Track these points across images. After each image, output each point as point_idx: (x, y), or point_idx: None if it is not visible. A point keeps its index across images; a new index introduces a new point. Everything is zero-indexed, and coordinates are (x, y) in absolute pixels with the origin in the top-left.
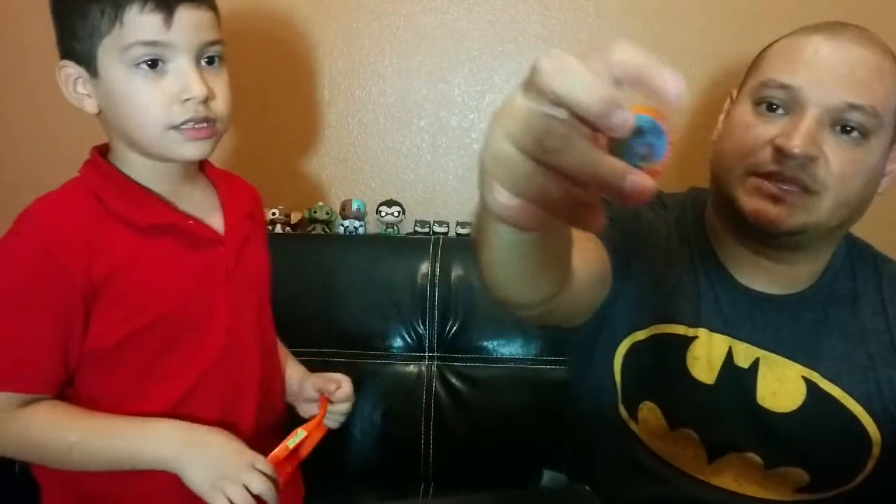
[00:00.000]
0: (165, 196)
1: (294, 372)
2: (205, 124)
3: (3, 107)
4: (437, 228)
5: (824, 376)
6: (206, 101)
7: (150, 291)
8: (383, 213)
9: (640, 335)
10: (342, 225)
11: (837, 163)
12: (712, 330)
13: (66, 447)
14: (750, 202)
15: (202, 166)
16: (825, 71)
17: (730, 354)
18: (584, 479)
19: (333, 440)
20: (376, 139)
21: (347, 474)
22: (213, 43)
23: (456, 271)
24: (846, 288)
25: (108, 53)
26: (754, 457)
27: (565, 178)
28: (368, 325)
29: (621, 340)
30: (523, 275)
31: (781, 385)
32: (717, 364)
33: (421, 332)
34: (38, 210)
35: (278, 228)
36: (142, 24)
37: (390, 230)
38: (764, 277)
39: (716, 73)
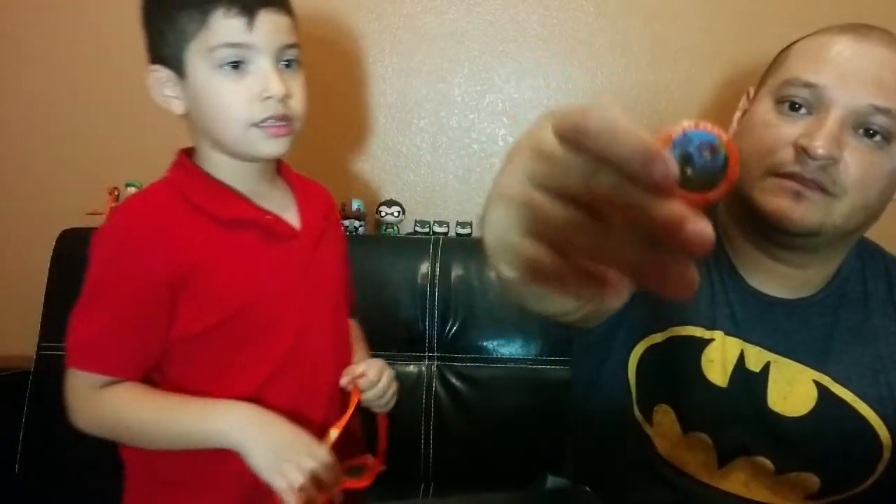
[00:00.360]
0: (246, 194)
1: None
2: (283, 122)
3: (3, 107)
4: (437, 228)
5: (835, 380)
6: (284, 99)
7: (232, 282)
8: (383, 213)
9: (658, 337)
10: (342, 225)
11: (857, 167)
12: (727, 333)
13: (139, 424)
14: (770, 202)
15: (279, 168)
16: (852, 72)
17: (741, 358)
18: (588, 483)
19: None
20: (376, 139)
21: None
22: (291, 46)
23: (456, 271)
24: (857, 291)
25: (194, 56)
26: (765, 461)
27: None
28: (368, 325)
29: (638, 342)
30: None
31: (792, 389)
32: (730, 367)
33: (421, 332)
34: (123, 207)
35: None
36: (226, 27)
37: (390, 230)
38: (776, 281)
39: (716, 73)
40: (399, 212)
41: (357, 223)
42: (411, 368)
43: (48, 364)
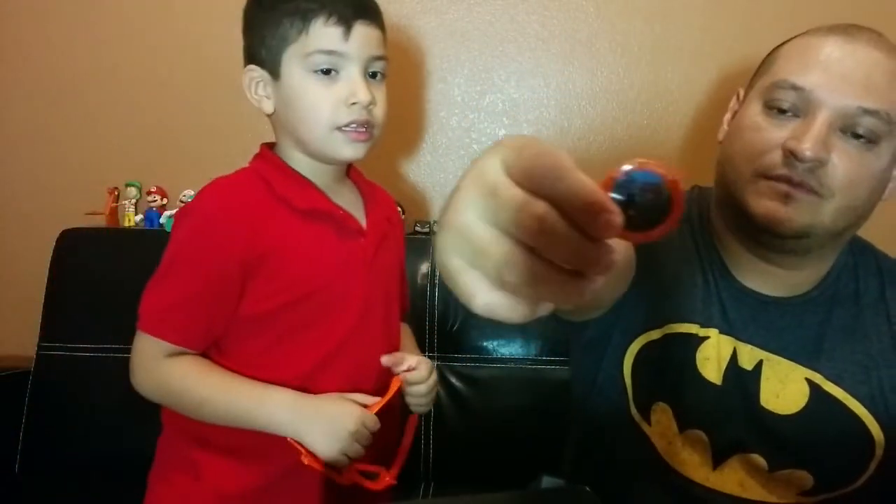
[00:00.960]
0: (321, 189)
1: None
2: (364, 128)
3: (3, 107)
4: (437, 229)
5: (827, 378)
6: (368, 106)
7: (303, 269)
8: None
9: (655, 334)
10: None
11: (845, 168)
12: (721, 331)
13: (198, 400)
14: (760, 204)
15: (349, 173)
16: (840, 73)
17: (734, 356)
18: (586, 483)
19: None
20: (376, 139)
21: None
22: (380, 58)
23: None
24: (849, 289)
25: (291, 59)
26: (759, 459)
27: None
28: None
29: (633, 340)
30: None
31: (784, 387)
32: (724, 365)
33: (421, 332)
34: (210, 188)
35: None
36: (324, 35)
37: None
38: (768, 281)
39: (716, 73)
40: (399, 212)
41: None
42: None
43: (48, 364)
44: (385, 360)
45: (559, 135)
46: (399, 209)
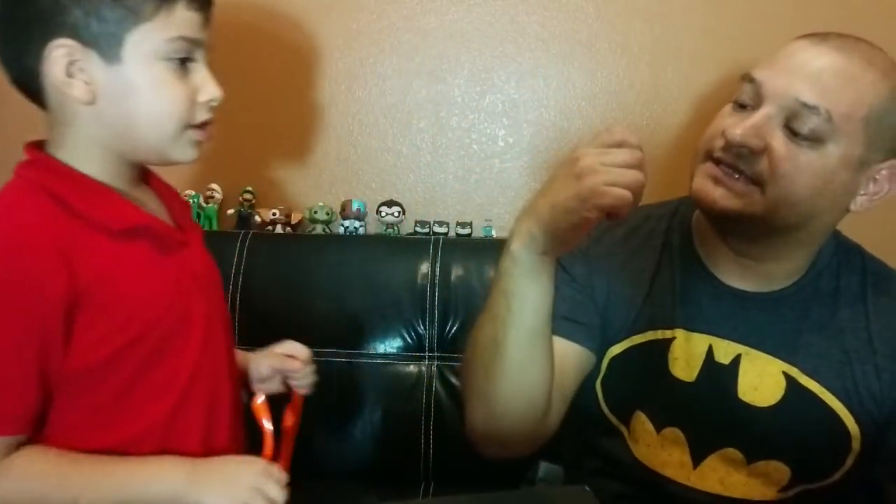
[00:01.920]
0: (126, 197)
1: (239, 357)
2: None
3: (3, 107)
4: (437, 229)
5: (803, 371)
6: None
7: (133, 300)
8: (383, 213)
9: (616, 349)
10: (342, 225)
11: (781, 160)
12: (691, 329)
13: (70, 498)
14: (695, 181)
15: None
16: (790, 67)
17: (710, 352)
18: (580, 472)
19: (333, 440)
20: (376, 139)
21: (347, 474)
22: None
23: (456, 271)
24: (829, 286)
25: (140, 42)
26: (736, 453)
27: None
28: (368, 325)
29: (602, 360)
30: (540, 351)
31: (762, 380)
32: (697, 362)
33: (421, 332)
34: (2, 223)
35: (279, 228)
36: (188, 20)
37: (390, 230)
38: (745, 276)
39: (716, 74)
40: (399, 212)
41: (357, 223)
42: (411, 368)
43: None
44: (270, 369)
45: (559, 135)
46: (399, 209)
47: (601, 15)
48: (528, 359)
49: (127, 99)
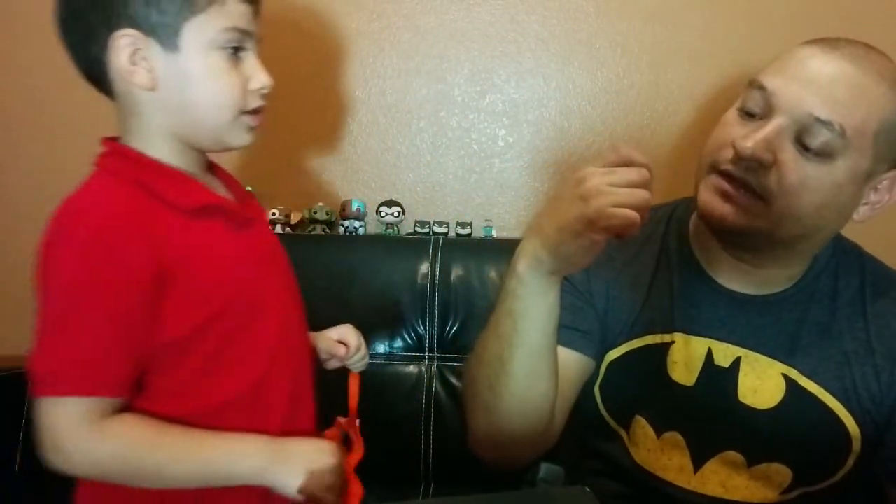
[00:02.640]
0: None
1: None
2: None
3: (3, 107)
4: (437, 228)
5: (802, 373)
6: None
7: (213, 276)
8: (383, 213)
9: (614, 354)
10: (342, 225)
11: (790, 175)
12: (690, 333)
13: (158, 466)
14: (702, 195)
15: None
16: (802, 79)
17: (709, 355)
18: (581, 473)
19: None
20: (376, 139)
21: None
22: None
23: (456, 271)
24: (828, 287)
25: (196, 31)
26: (737, 455)
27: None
28: (368, 325)
29: (600, 364)
30: (545, 366)
31: (762, 382)
32: (697, 365)
33: (421, 332)
34: (77, 204)
35: (278, 228)
36: (240, 12)
37: (390, 230)
38: (744, 280)
39: (716, 74)
40: (399, 212)
41: (357, 223)
42: (411, 368)
43: None
44: (334, 365)
45: (559, 135)
46: (399, 209)
47: (601, 15)
48: (535, 374)
49: (185, 86)
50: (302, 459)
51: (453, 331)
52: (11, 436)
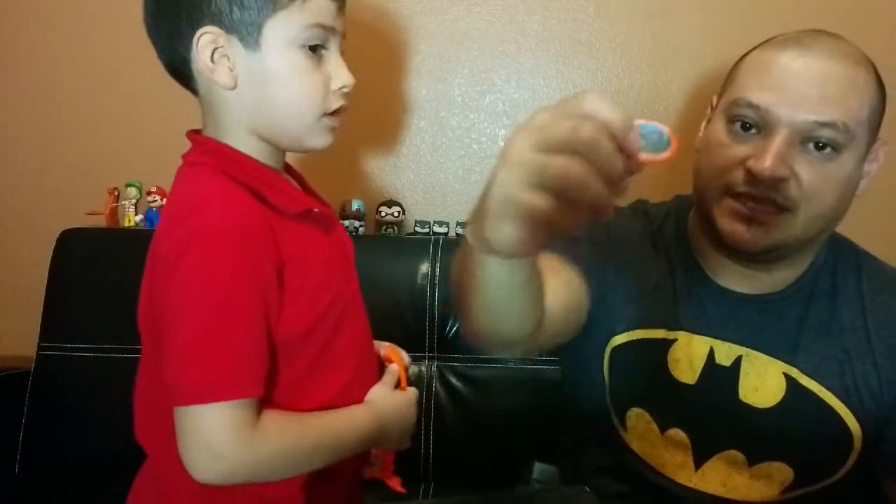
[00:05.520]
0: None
1: None
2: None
3: (3, 108)
4: (437, 228)
5: (803, 371)
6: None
7: (317, 277)
8: (383, 213)
9: (620, 339)
10: (342, 225)
11: (809, 180)
12: (693, 332)
13: (309, 453)
14: (726, 223)
15: None
16: (794, 90)
17: (711, 354)
18: (574, 471)
19: None
20: (376, 139)
21: None
22: (344, 35)
23: None
24: (827, 284)
25: (278, 29)
26: (738, 454)
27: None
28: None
29: (606, 344)
30: (516, 306)
31: (763, 381)
32: (699, 364)
33: (421, 332)
34: (209, 203)
35: None
36: (322, 7)
37: (390, 230)
38: (744, 281)
39: (716, 74)
40: (399, 212)
41: (357, 223)
42: (411, 369)
43: (48, 364)
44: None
45: None
46: (399, 209)
47: (601, 15)
48: (511, 303)
49: (266, 85)
50: (399, 418)
51: (453, 331)
52: (11, 436)
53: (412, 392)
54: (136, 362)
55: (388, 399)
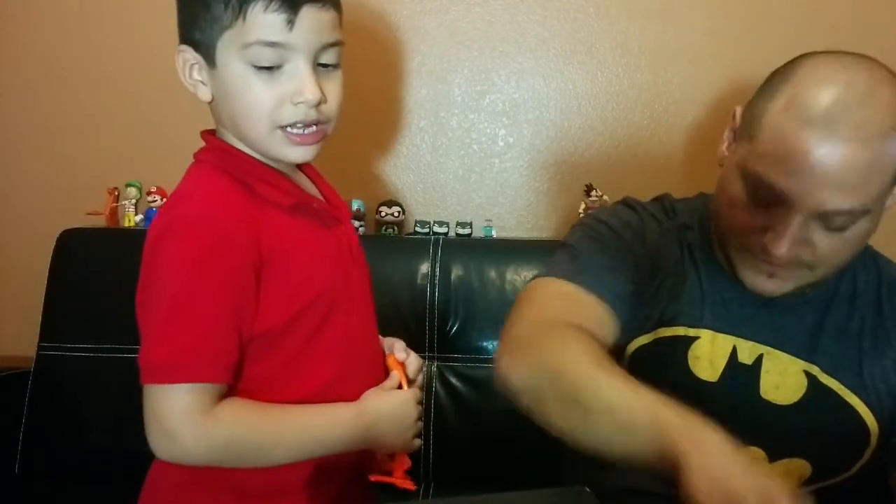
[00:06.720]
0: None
1: None
2: (313, 128)
3: (3, 108)
4: (437, 228)
5: (823, 370)
6: (318, 104)
7: (304, 270)
8: (383, 213)
9: (645, 339)
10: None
11: (826, 247)
12: (717, 330)
13: (267, 444)
14: (746, 274)
15: None
16: (816, 178)
17: (734, 352)
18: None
19: None
20: (377, 139)
21: None
22: (332, 45)
23: (456, 271)
24: (848, 288)
25: (228, 47)
26: (758, 451)
27: None
28: None
29: (628, 344)
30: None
31: (784, 379)
32: (721, 362)
33: (421, 332)
34: (186, 193)
35: None
36: (265, 23)
37: (390, 230)
38: (767, 283)
39: (717, 74)
40: (399, 212)
41: (357, 223)
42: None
43: (48, 364)
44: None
45: (559, 135)
46: (399, 209)
47: (601, 15)
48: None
49: (225, 99)
50: (390, 418)
51: (453, 331)
52: (11, 436)
53: (410, 391)
54: (136, 362)
55: (377, 398)
